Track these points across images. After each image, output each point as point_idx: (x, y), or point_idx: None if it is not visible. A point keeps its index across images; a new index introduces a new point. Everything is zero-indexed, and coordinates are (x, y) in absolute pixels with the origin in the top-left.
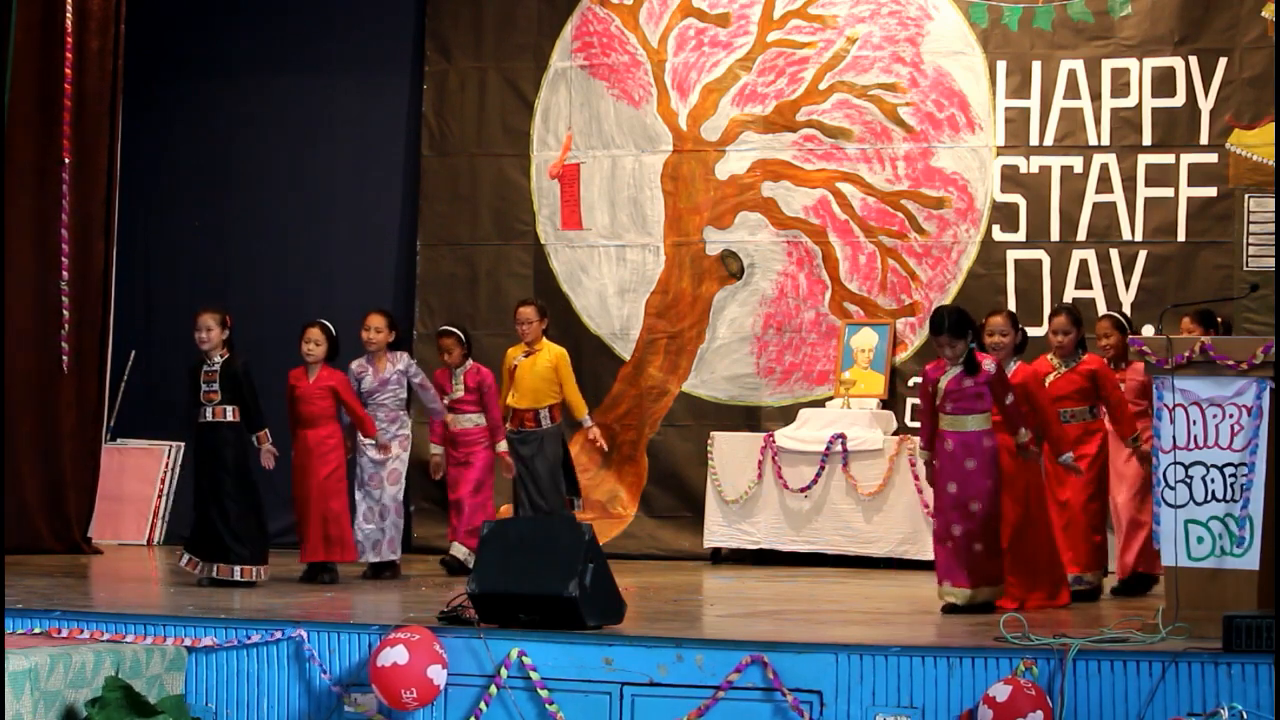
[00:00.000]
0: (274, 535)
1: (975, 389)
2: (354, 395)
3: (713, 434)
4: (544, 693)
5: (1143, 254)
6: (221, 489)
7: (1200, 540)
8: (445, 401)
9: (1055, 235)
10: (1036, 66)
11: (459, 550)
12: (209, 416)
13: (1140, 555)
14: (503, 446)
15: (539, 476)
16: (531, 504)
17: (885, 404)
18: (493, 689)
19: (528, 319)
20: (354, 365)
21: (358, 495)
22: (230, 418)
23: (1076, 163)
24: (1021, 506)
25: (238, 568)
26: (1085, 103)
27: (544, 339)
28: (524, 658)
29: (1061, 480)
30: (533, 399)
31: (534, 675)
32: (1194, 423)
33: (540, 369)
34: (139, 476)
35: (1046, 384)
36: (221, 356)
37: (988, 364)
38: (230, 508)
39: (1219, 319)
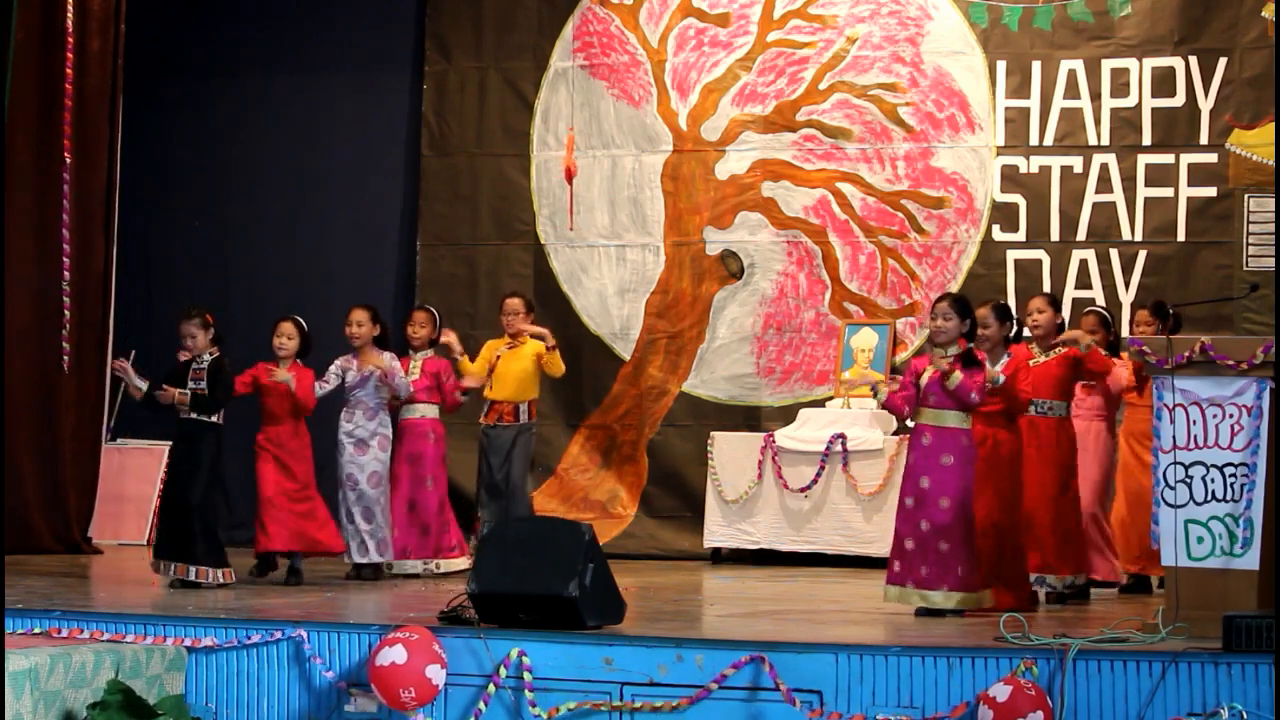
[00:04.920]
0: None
1: (958, 381)
2: (310, 391)
3: (713, 434)
4: (529, 694)
5: (1143, 254)
6: (193, 487)
7: (1200, 540)
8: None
9: (1055, 235)
10: (1036, 66)
11: (415, 566)
12: (189, 413)
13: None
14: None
15: (509, 465)
16: (492, 486)
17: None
18: (491, 688)
19: (514, 310)
20: (340, 360)
21: (343, 495)
22: (210, 417)
23: (1076, 163)
24: (996, 509)
25: (193, 568)
26: (1085, 103)
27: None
28: (523, 658)
29: (1036, 482)
30: (514, 391)
31: (527, 676)
32: (1194, 423)
33: (523, 362)
34: (139, 476)
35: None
36: (211, 355)
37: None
38: (199, 507)
39: (1172, 312)
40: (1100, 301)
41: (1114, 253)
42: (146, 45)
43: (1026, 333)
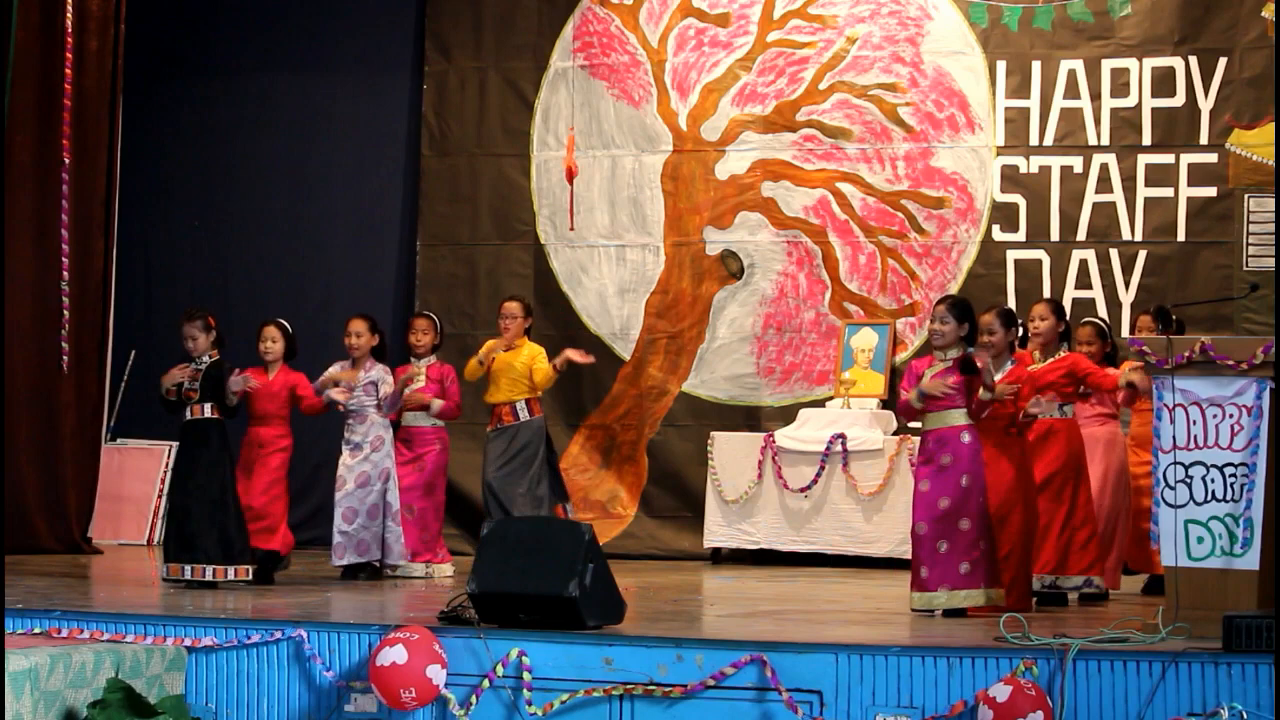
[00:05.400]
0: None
1: (958, 386)
2: (312, 390)
3: (713, 434)
4: (527, 693)
5: (1142, 254)
6: (194, 486)
7: (1200, 540)
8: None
9: (1055, 235)
10: (1036, 66)
11: (415, 569)
12: (189, 415)
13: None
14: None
15: (511, 465)
16: (495, 490)
17: (885, 404)
18: (485, 683)
19: (512, 314)
20: (334, 367)
21: (335, 497)
22: (209, 414)
23: (1076, 163)
24: (999, 509)
25: (209, 568)
26: (1085, 103)
27: (524, 338)
28: (523, 658)
29: (1038, 484)
30: (509, 393)
31: (527, 676)
32: (1194, 423)
33: (518, 365)
34: (139, 476)
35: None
36: (210, 358)
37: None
38: (202, 506)
39: (1174, 317)
40: (1100, 302)
41: (1114, 253)
42: (146, 45)
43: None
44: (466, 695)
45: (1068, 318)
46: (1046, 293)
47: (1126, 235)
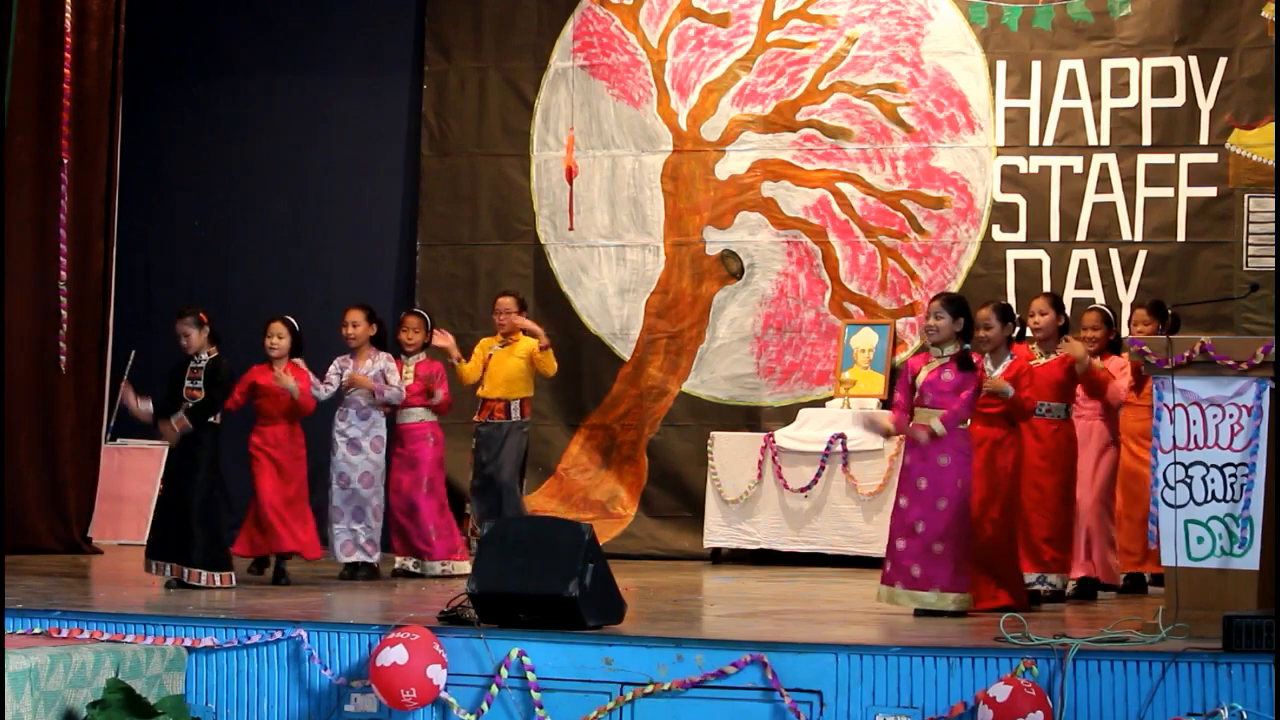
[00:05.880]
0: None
1: (955, 383)
2: (309, 394)
3: (713, 434)
4: (536, 695)
5: (1142, 254)
6: (192, 489)
7: (1200, 540)
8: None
9: (1055, 235)
10: (1036, 66)
11: (432, 566)
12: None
13: (1097, 562)
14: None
15: (499, 463)
16: (481, 482)
17: (885, 404)
18: (494, 689)
19: (506, 309)
20: (338, 361)
21: (334, 494)
22: (209, 419)
23: (1076, 163)
24: (996, 509)
25: (203, 572)
26: (1085, 103)
27: (519, 333)
28: (524, 658)
29: (1036, 483)
30: (505, 389)
31: (530, 676)
32: (1194, 423)
33: (515, 360)
34: (139, 476)
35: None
36: (209, 355)
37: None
38: (198, 509)
39: (1170, 311)
40: (1100, 302)
41: (1114, 253)
42: (146, 45)
43: (1029, 332)
44: (476, 701)
45: (1067, 313)
46: None
47: (1126, 235)
